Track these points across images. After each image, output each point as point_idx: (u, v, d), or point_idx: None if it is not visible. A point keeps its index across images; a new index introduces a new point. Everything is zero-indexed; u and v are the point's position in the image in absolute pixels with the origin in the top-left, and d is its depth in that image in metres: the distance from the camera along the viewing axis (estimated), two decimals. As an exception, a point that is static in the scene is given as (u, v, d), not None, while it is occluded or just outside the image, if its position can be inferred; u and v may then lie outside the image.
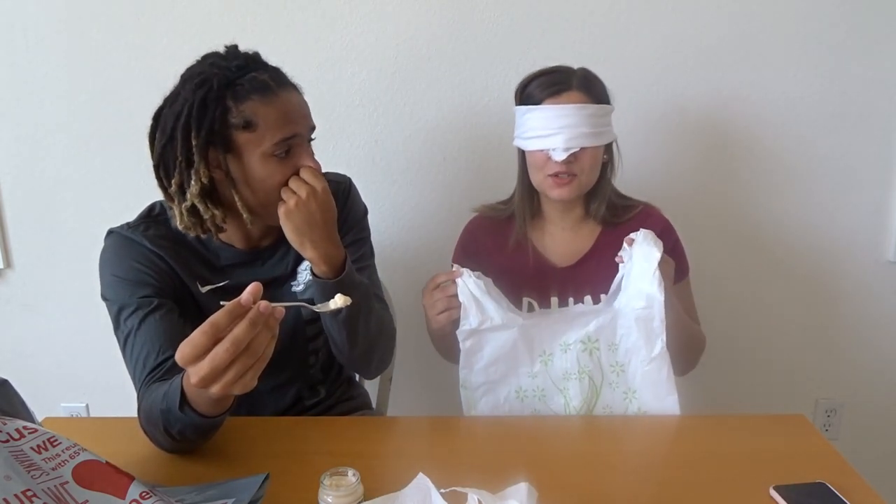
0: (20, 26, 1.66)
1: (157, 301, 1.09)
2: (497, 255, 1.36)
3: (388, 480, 0.88)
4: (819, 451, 1.02)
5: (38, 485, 0.69)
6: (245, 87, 1.04)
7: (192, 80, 1.05)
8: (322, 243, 1.09)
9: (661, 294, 1.13)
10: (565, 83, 1.24)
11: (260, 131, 1.05)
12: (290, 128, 1.07)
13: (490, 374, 1.20)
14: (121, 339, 1.09)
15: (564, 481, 0.94)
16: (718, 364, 1.75)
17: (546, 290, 1.32)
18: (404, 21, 1.64)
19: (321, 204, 1.08)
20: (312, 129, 1.14)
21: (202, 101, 1.03)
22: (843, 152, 1.72)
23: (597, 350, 1.18)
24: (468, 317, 1.16)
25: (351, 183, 1.32)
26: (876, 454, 1.90)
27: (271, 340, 0.82)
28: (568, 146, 1.22)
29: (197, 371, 0.79)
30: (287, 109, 1.07)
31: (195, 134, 1.03)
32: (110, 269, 1.11)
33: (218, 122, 1.04)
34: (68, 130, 1.73)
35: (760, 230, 1.78)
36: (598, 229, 1.35)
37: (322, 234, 1.09)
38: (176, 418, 0.92)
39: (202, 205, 1.07)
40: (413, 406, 1.86)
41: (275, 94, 1.06)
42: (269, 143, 1.05)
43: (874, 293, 1.82)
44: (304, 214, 1.08)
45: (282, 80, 1.09)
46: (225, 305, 0.79)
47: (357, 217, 1.30)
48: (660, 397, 1.17)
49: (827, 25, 1.64)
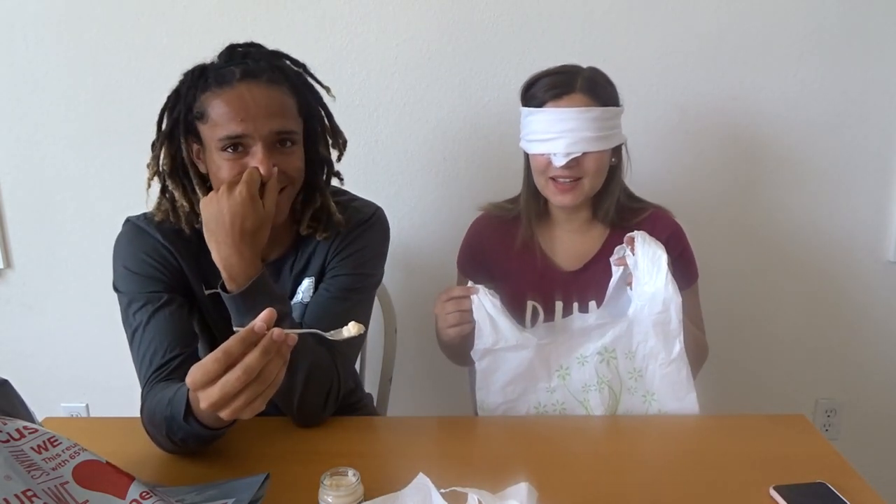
0: (20, 26, 1.66)
1: (167, 296, 1.09)
2: (503, 257, 1.35)
3: (388, 480, 0.88)
4: (819, 451, 1.02)
5: (38, 485, 0.69)
6: (210, 78, 1.04)
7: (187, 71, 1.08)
8: (225, 248, 1.01)
9: (677, 296, 1.13)
10: (569, 85, 1.21)
11: (211, 124, 1.03)
12: (234, 125, 1.01)
13: (508, 394, 1.18)
14: (129, 332, 1.10)
15: (564, 481, 0.94)
16: (718, 364, 1.75)
17: (551, 293, 1.31)
18: (404, 21, 1.64)
19: (233, 206, 1.00)
20: (279, 133, 1.05)
21: (176, 90, 1.07)
22: (843, 152, 1.72)
23: (614, 359, 1.17)
24: (482, 335, 1.14)
25: (373, 217, 1.22)
26: (876, 454, 1.90)
27: (282, 367, 0.82)
28: (568, 151, 1.20)
29: (207, 397, 0.79)
30: (238, 105, 1.01)
31: (166, 121, 1.07)
32: (122, 259, 1.12)
33: (184, 112, 1.05)
34: (68, 130, 1.73)
35: (760, 230, 1.78)
36: (605, 232, 1.33)
37: (228, 238, 1.00)
38: (179, 426, 0.92)
39: (175, 191, 1.08)
40: (413, 406, 1.86)
41: (231, 86, 1.02)
42: (216, 138, 1.03)
43: (874, 293, 1.82)
44: (213, 210, 1.01)
45: (253, 74, 1.03)
46: (238, 332, 0.78)
47: (359, 250, 1.18)
48: (679, 397, 1.17)
49: (827, 25, 1.64)
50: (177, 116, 1.06)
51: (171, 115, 1.07)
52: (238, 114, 1.01)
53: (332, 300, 1.15)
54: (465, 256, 1.41)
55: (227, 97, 1.02)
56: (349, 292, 1.17)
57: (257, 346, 0.78)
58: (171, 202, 1.10)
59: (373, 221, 1.22)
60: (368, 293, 1.23)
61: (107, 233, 1.17)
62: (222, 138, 1.02)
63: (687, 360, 1.16)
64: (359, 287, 1.19)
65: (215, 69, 1.05)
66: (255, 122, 1.02)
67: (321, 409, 1.09)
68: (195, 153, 1.09)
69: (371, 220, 1.22)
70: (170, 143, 1.08)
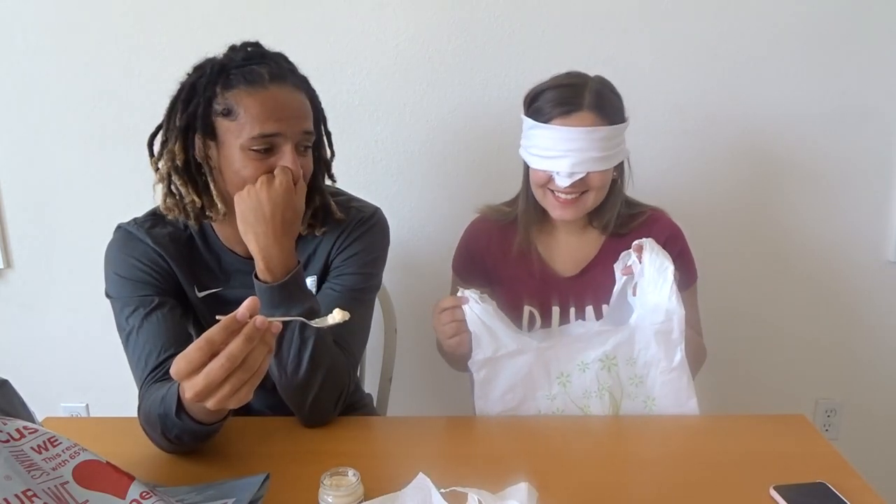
0: (20, 27, 1.66)
1: (159, 299, 1.09)
2: (500, 262, 1.34)
3: (388, 480, 0.88)
4: (819, 451, 1.02)
5: (38, 485, 0.69)
6: (236, 76, 1.03)
7: (197, 66, 1.07)
8: (265, 239, 1.02)
9: (680, 308, 1.13)
10: (577, 102, 1.18)
11: (240, 122, 1.02)
12: (270, 124, 1.02)
13: (507, 402, 1.16)
14: (123, 337, 1.10)
15: (564, 481, 0.94)
16: (718, 364, 1.75)
17: (548, 299, 1.30)
18: (404, 21, 1.64)
19: (274, 197, 1.02)
20: (306, 134, 1.08)
21: (192, 85, 1.05)
22: (843, 152, 1.72)
23: (615, 366, 1.16)
24: (481, 345, 1.13)
25: (375, 216, 1.22)
26: (876, 454, 1.90)
27: (267, 355, 0.82)
28: (573, 171, 1.17)
29: (192, 386, 0.79)
30: (273, 105, 1.03)
31: (179, 115, 1.05)
32: (113, 266, 1.12)
33: (202, 107, 1.03)
34: (68, 130, 1.73)
35: (760, 230, 1.78)
36: (602, 237, 1.32)
37: (268, 230, 1.02)
38: (173, 423, 0.92)
39: (184, 188, 1.07)
40: (413, 406, 1.86)
41: (264, 87, 1.03)
42: (247, 136, 1.02)
43: (874, 293, 1.82)
44: (252, 202, 1.02)
45: (281, 77, 1.05)
46: (221, 320, 0.78)
47: (363, 249, 1.19)
48: (680, 403, 1.16)
49: (827, 25, 1.63)
50: (193, 111, 1.04)
51: (187, 110, 1.05)
52: (274, 113, 1.02)
53: (338, 300, 1.14)
54: (462, 260, 1.40)
55: (261, 97, 1.02)
56: (356, 291, 1.17)
57: (240, 334, 0.78)
58: (176, 198, 1.09)
59: (374, 221, 1.22)
60: (372, 294, 1.23)
61: (107, 233, 1.17)
62: (256, 136, 1.02)
63: (688, 368, 1.16)
64: (365, 286, 1.19)
65: (237, 67, 1.04)
66: (289, 122, 1.04)
67: (332, 409, 1.10)
68: (206, 149, 1.07)
69: (373, 219, 1.21)
70: (183, 137, 1.06)
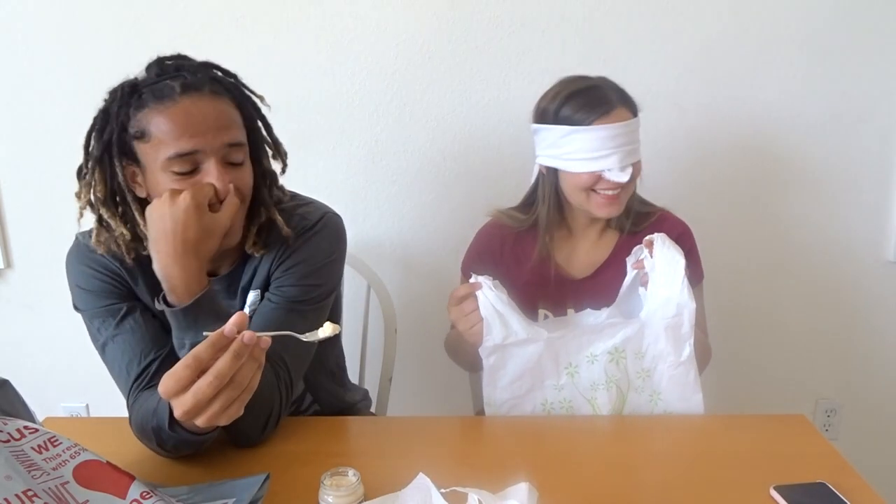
0: (20, 27, 1.66)
1: (126, 306, 1.05)
2: (515, 269, 1.33)
3: (388, 480, 0.88)
4: (819, 451, 1.02)
5: (38, 485, 0.69)
6: (147, 94, 0.96)
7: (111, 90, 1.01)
8: (165, 259, 0.95)
9: (691, 301, 1.13)
10: (609, 101, 1.21)
11: (154, 143, 0.95)
12: (184, 142, 0.94)
13: (515, 390, 1.17)
14: (98, 348, 1.07)
15: (564, 481, 0.94)
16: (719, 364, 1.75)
17: (563, 300, 1.31)
18: (404, 21, 1.64)
19: (174, 213, 0.93)
20: (231, 147, 0.99)
21: (104, 111, 0.99)
22: (843, 152, 1.72)
23: (623, 359, 1.17)
24: (491, 332, 1.13)
25: (319, 223, 1.13)
26: (876, 454, 1.90)
27: (257, 371, 0.80)
28: (624, 164, 1.20)
29: (181, 404, 0.77)
30: (185, 121, 0.94)
31: (95, 144, 1.00)
32: (74, 279, 1.09)
33: (116, 133, 0.97)
34: (68, 130, 1.72)
35: (760, 230, 1.78)
36: (615, 237, 1.33)
37: (168, 248, 0.94)
38: (168, 436, 0.91)
39: (112, 220, 1.01)
40: (413, 406, 1.86)
41: (174, 101, 0.94)
42: (164, 158, 0.95)
43: (874, 293, 1.82)
44: (155, 216, 0.95)
45: (195, 87, 0.96)
46: (208, 336, 0.77)
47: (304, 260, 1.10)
48: (686, 398, 1.17)
49: (827, 26, 1.64)
50: (108, 138, 0.98)
51: (102, 138, 0.99)
52: (187, 129, 0.94)
53: (275, 311, 1.07)
54: (473, 264, 1.38)
55: (171, 113, 0.94)
56: (294, 303, 1.09)
57: (228, 351, 0.76)
58: (108, 231, 1.03)
59: (318, 228, 1.13)
60: (318, 304, 1.12)
61: (107, 233, 1.16)
62: (172, 157, 0.95)
63: (695, 363, 1.17)
64: (305, 299, 1.10)
65: (148, 84, 0.97)
66: (206, 137, 0.96)
67: (259, 434, 1.02)
68: (131, 176, 1.01)
69: (316, 226, 1.12)
70: (101, 167, 1.00)
